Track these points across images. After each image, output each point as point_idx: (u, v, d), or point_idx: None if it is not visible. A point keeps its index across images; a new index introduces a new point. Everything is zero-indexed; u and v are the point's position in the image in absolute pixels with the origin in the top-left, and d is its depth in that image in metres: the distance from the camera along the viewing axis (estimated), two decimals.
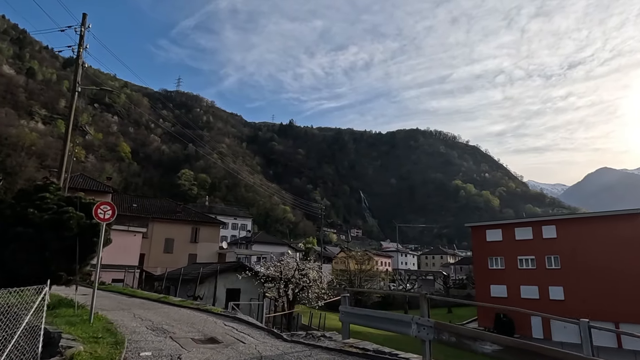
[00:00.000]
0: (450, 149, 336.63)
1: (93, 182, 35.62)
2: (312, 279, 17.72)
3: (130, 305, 9.99)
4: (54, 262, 7.97)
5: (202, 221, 38.67)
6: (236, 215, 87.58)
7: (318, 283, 17.86)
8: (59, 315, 7.30)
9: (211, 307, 9.75)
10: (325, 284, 18.16)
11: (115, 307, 9.56)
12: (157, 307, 9.98)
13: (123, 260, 22.92)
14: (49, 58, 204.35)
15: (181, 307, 10.00)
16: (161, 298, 11.01)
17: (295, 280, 17.53)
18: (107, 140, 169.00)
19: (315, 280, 17.81)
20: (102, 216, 7.95)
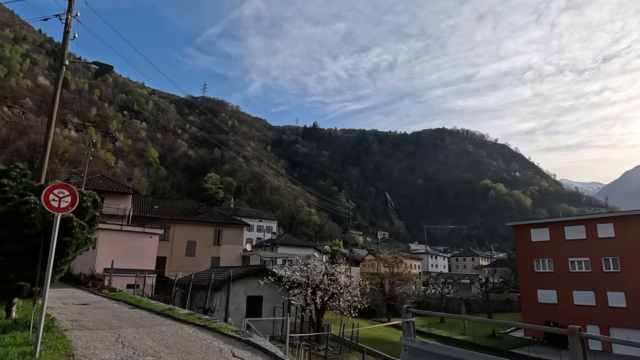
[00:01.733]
0: (479, 148, 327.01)
1: (113, 183, 34.94)
2: (343, 285, 15.65)
3: (123, 321, 8.27)
4: (11, 269, 6.29)
5: (225, 223, 37.24)
6: (261, 217, 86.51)
7: (350, 289, 15.78)
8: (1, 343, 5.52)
9: (222, 324, 7.89)
10: (358, 291, 16.05)
11: (101, 325, 7.84)
12: (155, 323, 8.22)
13: (138, 264, 21.61)
14: (82, 68, 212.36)
15: (185, 324, 8.20)
16: (165, 310, 9.35)
17: (324, 286, 15.52)
18: (136, 146, 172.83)
19: (346, 286, 15.74)
20: (57, 204, 5.71)
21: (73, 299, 12.72)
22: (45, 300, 5.47)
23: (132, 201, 33.01)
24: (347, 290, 15.68)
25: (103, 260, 19.62)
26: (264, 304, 17.78)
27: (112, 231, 22.77)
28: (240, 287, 17.13)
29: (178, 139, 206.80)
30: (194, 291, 15.91)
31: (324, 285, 15.54)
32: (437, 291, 43.36)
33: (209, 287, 13.04)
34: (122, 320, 8.56)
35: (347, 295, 15.51)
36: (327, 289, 15.50)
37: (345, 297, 15.40)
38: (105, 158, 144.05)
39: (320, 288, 15.61)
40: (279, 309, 17.25)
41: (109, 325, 7.73)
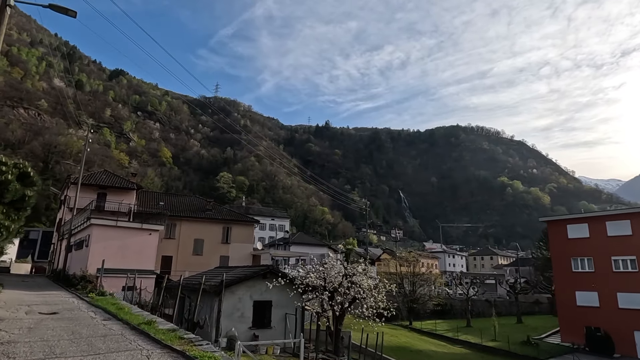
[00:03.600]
0: (494, 145, 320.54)
1: (116, 178, 33.33)
2: (366, 289, 13.33)
3: (75, 344, 6.22)
4: None
5: (234, 220, 35.18)
6: (273, 215, 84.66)
7: (374, 293, 13.46)
8: None
9: (206, 350, 5.67)
10: (383, 294, 13.69)
11: (37, 352, 5.75)
12: (117, 347, 6.13)
13: (136, 263, 19.64)
14: (96, 71, 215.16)
15: (158, 347, 6.04)
16: (143, 324, 7.28)
17: (344, 289, 13.27)
18: (149, 146, 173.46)
19: (370, 289, 13.44)
20: None
21: (45, 305, 10.85)
22: None
23: (137, 197, 31.39)
24: (371, 294, 13.38)
25: (96, 260, 17.76)
26: (274, 310, 15.30)
27: (106, 227, 20.79)
28: (245, 290, 14.83)
29: (191, 139, 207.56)
30: (191, 294, 13.74)
31: (342, 288, 13.29)
32: (462, 292, 40.47)
33: (199, 292, 10.64)
34: (75, 341, 6.51)
35: (370, 299, 13.20)
36: (347, 293, 13.24)
37: (369, 302, 13.10)
38: (119, 158, 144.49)
39: (339, 292, 13.36)
40: (291, 316, 15.00)
41: (48, 354, 5.68)
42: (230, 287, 13.50)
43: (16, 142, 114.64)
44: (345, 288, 13.29)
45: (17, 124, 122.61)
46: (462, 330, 32.44)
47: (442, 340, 28.86)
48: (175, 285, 12.47)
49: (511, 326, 34.89)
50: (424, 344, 24.79)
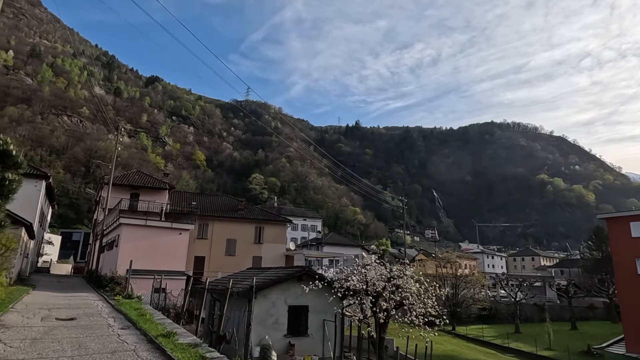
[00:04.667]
0: (532, 142, 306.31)
1: (149, 178, 33.32)
2: (415, 293, 11.76)
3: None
4: None
5: (266, 219, 34.35)
6: (305, 216, 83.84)
7: (425, 299, 11.88)
8: None
9: None
10: (434, 300, 12.05)
11: None
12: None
13: (166, 264, 19.00)
14: (133, 78, 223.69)
15: None
16: (160, 337, 6.24)
17: (388, 294, 11.79)
18: (184, 149, 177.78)
19: (420, 294, 11.87)
20: None
21: (67, 309, 10.19)
22: None
23: (169, 197, 31.22)
24: (420, 300, 11.80)
25: (126, 260, 17.20)
26: (310, 315, 13.99)
27: (135, 227, 20.42)
28: (279, 294, 13.60)
29: (223, 142, 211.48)
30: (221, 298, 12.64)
31: (387, 292, 11.81)
32: (506, 295, 37.57)
33: (225, 301, 9.21)
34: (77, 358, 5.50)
35: (420, 306, 11.62)
36: (393, 298, 11.75)
37: (417, 309, 11.52)
38: (155, 162, 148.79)
39: (383, 297, 11.90)
40: (330, 323, 13.62)
41: None
42: (262, 290, 12.31)
43: (60, 148, 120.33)
44: (390, 292, 11.85)
45: (61, 131, 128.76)
46: (511, 337, 29.93)
47: (491, 348, 26.65)
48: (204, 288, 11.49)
49: (565, 333, 31.84)
50: (471, 353, 22.87)
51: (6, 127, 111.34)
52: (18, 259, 17.76)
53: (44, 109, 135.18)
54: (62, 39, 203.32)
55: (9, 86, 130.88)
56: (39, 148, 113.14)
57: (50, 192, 31.11)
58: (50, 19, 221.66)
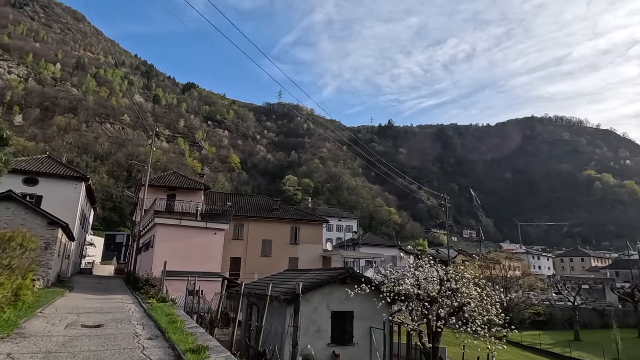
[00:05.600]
0: (576, 136, 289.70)
1: (185, 179, 33.37)
2: (476, 298, 10.27)
3: None
4: None
5: (302, 219, 33.46)
6: (340, 216, 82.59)
7: (488, 306, 10.36)
8: None
9: None
10: (497, 307, 10.49)
11: None
12: None
13: (201, 265, 18.45)
14: (171, 85, 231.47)
15: None
16: (187, 352, 5.28)
17: (444, 299, 10.36)
18: (219, 153, 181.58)
19: (481, 299, 10.35)
20: None
21: (97, 314, 9.63)
22: None
23: (205, 198, 31.07)
24: (483, 306, 10.30)
25: (161, 261, 16.75)
26: (356, 322, 12.74)
27: (170, 226, 20.03)
28: (321, 298, 12.34)
29: (257, 145, 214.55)
30: (259, 302, 11.75)
31: (443, 297, 10.41)
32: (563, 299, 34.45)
33: (264, 305, 7.89)
34: None
35: (483, 314, 10.10)
36: (450, 303, 10.32)
37: (478, 316, 10.01)
38: (192, 165, 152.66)
39: (438, 302, 10.50)
40: (377, 331, 12.33)
41: None
42: (304, 294, 11.28)
43: (104, 154, 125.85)
44: (445, 297, 10.47)
45: (104, 138, 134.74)
46: (572, 345, 27.24)
47: (550, 357, 24.30)
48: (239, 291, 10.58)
49: (633, 341, 28.62)
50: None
51: (55, 135, 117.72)
52: (56, 260, 17.84)
53: (89, 117, 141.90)
54: (104, 51, 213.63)
55: (57, 97, 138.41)
56: (84, 154, 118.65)
57: (91, 195, 31.81)
58: (93, 32, 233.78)
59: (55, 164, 26.16)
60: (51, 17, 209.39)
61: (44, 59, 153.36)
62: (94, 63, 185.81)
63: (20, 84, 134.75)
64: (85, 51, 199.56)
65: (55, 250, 16.53)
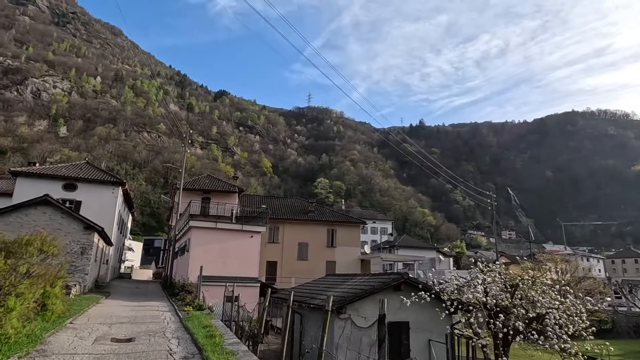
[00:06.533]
0: (623, 130, 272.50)
1: (219, 182, 33.13)
2: (558, 308, 8.71)
3: None
4: None
5: (338, 221, 32.29)
6: (375, 218, 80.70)
7: (575, 318, 8.74)
8: None
9: None
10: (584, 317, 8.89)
11: None
12: None
13: (238, 269, 17.68)
14: (203, 94, 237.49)
15: None
16: None
17: (519, 309, 8.79)
18: (251, 158, 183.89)
19: (566, 308, 8.76)
20: None
21: (130, 324, 8.95)
22: None
23: (239, 201, 30.64)
24: (569, 318, 8.70)
25: (196, 266, 16.13)
26: (412, 334, 11.42)
27: (205, 230, 19.38)
28: (372, 307, 10.73)
29: (288, 149, 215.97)
30: (302, 311, 10.76)
31: (518, 308, 8.86)
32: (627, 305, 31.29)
33: (324, 327, 6.38)
34: None
35: (567, 325, 8.50)
36: (525, 314, 8.80)
37: (559, 327, 8.41)
38: (225, 170, 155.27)
39: (513, 312, 8.98)
40: (437, 344, 10.91)
41: None
42: (352, 303, 10.17)
43: (142, 161, 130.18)
44: (519, 307, 8.97)
45: (142, 146, 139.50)
46: None
47: None
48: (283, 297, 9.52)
49: None
50: None
51: (96, 145, 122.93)
52: (93, 265, 17.67)
53: (127, 127, 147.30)
54: (141, 63, 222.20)
55: (98, 108, 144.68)
56: (123, 162, 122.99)
57: (128, 200, 32.17)
58: (130, 46, 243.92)
59: (93, 170, 26.50)
60: (91, 33, 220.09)
61: (86, 72, 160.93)
62: (132, 75, 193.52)
63: (64, 98, 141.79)
64: (123, 64, 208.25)
65: (91, 255, 16.31)
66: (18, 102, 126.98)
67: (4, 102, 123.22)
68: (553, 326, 8.54)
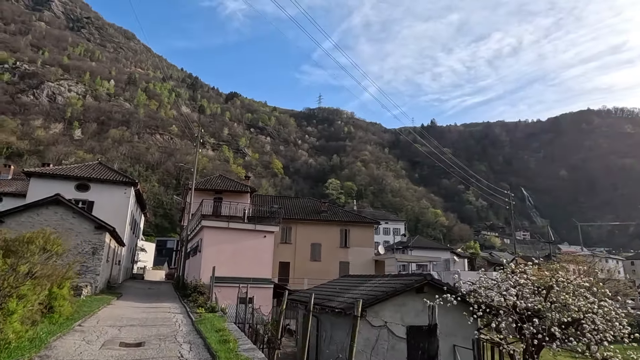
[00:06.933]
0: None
1: (231, 182, 32.90)
2: (596, 312, 8.01)
3: None
4: None
5: (352, 221, 31.76)
6: (387, 219, 79.89)
7: (613, 319, 8.03)
8: None
9: None
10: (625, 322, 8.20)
11: None
12: None
13: (251, 270, 17.29)
14: (215, 96, 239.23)
15: None
16: None
17: (554, 313, 8.11)
18: (262, 159, 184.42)
19: (606, 314, 8.08)
20: None
21: (141, 327, 8.60)
22: None
23: (251, 201, 30.35)
24: (609, 323, 8.04)
25: (209, 267, 15.76)
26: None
27: (217, 229, 19.15)
28: (393, 310, 10.29)
29: (299, 150, 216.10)
30: (320, 315, 10.24)
31: (551, 311, 8.21)
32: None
33: (352, 335, 5.66)
34: None
35: (604, 328, 7.82)
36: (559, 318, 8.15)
37: (601, 331, 7.72)
38: (237, 172, 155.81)
39: (544, 315, 8.34)
40: (462, 350, 10.24)
41: None
42: (372, 306, 9.57)
43: (155, 163, 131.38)
44: (553, 311, 8.33)
45: (155, 148, 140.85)
46: None
47: None
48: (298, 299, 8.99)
49: None
50: None
51: (110, 147, 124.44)
52: (105, 266, 17.48)
53: (140, 129, 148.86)
54: (153, 66, 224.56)
55: (111, 111, 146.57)
56: (137, 164, 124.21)
57: (141, 200, 32.13)
58: (142, 49, 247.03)
59: (105, 170, 26.49)
60: (105, 37, 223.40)
61: (99, 76, 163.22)
62: (144, 78, 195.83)
63: (79, 101, 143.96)
64: (136, 67, 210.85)
65: (103, 256, 16.11)
66: (34, 106, 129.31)
67: (21, 106, 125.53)
68: (591, 331, 7.92)
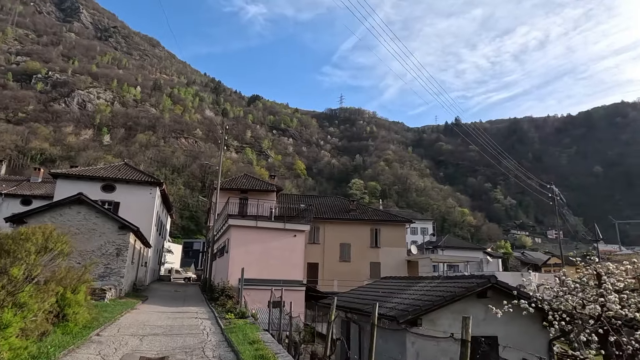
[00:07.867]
0: None
1: (256, 181, 32.18)
2: None
3: None
4: None
5: (382, 220, 30.36)
6: (414, 218, 77.80)
7: None
8: None
9: None
10: None
11: None
12: None
13: (281, 272, 16.30)
14: (237, 99, 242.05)
15: None
16: None
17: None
18: (285, 160, 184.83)
19: None
20: None
21: (165, 336, 7.73)
22: None
23: (277, 199, 29.53)
24: None
25: (237, 268, 14.87)
26: (501, 352, 8.75)
27: (245, 228, 18.22)
28: (451, 319, 8.96)
29: (321, 150, 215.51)
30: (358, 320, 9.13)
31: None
32: None
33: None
34: None
35: None
36: None
37: None
38: (260, 174, 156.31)
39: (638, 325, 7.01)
40: None
41: None
42: (428, 313, 8.34)
43: (180, 166, 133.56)
44: None
45: (180, 152, 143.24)
46: None
47: None
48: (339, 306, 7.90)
49: None
50: None
51: (137, 151, 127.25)
52: (130, 268, 16.91)
53: (166, 133, 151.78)
54: (178, 72, 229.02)
55: (138, 117, 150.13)
56: (163, 168, 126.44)
57: (166, 201, 31.89)
58: (167, 55, 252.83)
59: (131, 170, 26.27)
60: (131, 45, 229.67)
61: (126, 83, 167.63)
62: (169, 84, 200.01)
63: (107, 108, 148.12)
64: (161, 74, 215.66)
65: (127, 257, 15.51)
66: (66, 114, 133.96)
67: (53, 114, 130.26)
68: None
